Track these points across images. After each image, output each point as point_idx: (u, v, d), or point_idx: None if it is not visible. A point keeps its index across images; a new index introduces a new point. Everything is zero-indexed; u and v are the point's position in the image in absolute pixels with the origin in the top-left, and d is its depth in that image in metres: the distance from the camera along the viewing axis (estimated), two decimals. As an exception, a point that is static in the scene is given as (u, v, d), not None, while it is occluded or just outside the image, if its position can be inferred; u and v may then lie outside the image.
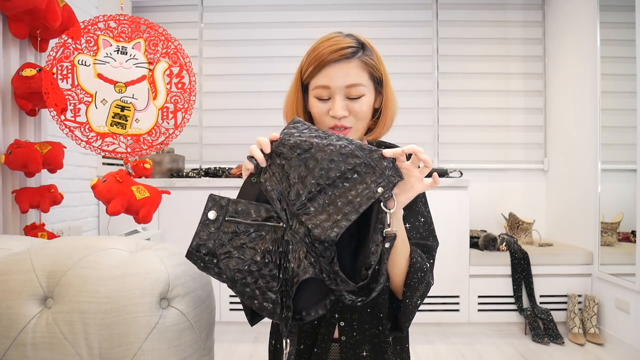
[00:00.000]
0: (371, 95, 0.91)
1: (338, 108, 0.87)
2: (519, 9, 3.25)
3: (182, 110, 1.56)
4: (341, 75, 0.86)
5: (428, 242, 0.93)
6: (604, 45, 2.55)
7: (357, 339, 0.96)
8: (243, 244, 0.74)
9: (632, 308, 2.28)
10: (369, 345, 0.96)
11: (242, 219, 0.75)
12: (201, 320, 0.93)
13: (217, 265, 0.73)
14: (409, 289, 0.85)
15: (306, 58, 0.90)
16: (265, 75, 3.24)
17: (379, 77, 0.91)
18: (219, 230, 0.74)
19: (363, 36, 0.91)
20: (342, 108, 0.87)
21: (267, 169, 0.78)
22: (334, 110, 0.87)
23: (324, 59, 0.86)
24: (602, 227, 2.55)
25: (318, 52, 0.87)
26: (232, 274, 0.73)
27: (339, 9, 3.26)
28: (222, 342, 2.49)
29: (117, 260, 0.90)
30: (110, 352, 0.84)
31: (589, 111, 2.67)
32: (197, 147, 3.27)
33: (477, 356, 2.32)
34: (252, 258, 0.73)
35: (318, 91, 0.89)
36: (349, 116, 0.89)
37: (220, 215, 0.74)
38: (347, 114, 0.88)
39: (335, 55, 0.85)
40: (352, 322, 0.96)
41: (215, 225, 0.74)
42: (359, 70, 0.87)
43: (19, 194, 1.57)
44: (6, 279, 0.88)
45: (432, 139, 3.25)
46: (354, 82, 0.86)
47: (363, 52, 0.88)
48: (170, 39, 1.54)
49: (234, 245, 0.74)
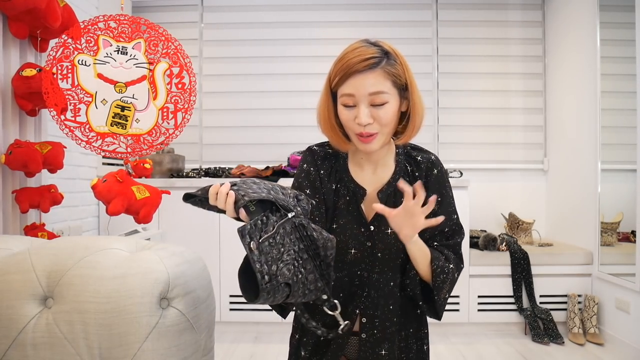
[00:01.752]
0: (395, 102, 0.95)
1: (362, 115, 0.92)
2: (519, 9, 3.25)
3: (182, 111, 1.56)
4: (365, 85, 0.91)
5: (456, 242, 1.04)
6: (603, 45, 2.55)
7: (378, 336, 1.00)
8: (280, 251, 0.80)
9: (632, 308, 2.28)
10: (388, 344, 1.00)
11: (267, 232, 0.80)
12: (201, 320, 0.93)
13: (278, 284, 0.78)
14: (435, 289, 0.98)
15: (334, 67, 0.96)
16: (265, 75, 3.24)
17: (403, 83, 0.96)
18: (261, 253, 0.78)
19: (388, 44, 0.96)
20: (366, 115, 0.92)
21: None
22: (359, 118, 0.93)
23: (349, 69, 0.92)
24: (602, 227, 2.55)
25: (344, 62, 0.93)
26: (290, 281, 0.80)
27: (339, 9, 3.26)
28: (222, 342, 2.49)
29: (117, 260, 0.90)
30: (111, 352, 0.84)
31: (589, 111, 2.67)
32: (197, 147, 3.27)
33: (477, 356, 2.32)
34: (292, 258, 0.81)
35: (344, 99, 0.94)
36: (373, 123, 0.94)
37: (254, 240, 0.79)
38: (372, 121, 0.93)
39: (360, 65, 0.91)
40: (374, 319, 1.00)
41: (257, 252, 0.78)
42: (382, 79, 0.92)
43: (19, 194, 1.57)
44: (6, 279, 0.88)
45: (432, 139, 3.25)
46: (377, 90, 0.92)
47: (387, 61, 0.93)
48: (170, 39, 1.55)
49: (276, 258, 0.80)
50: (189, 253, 0.98)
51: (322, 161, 1.06)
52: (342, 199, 1.03)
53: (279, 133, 3.23)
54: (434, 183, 1.04)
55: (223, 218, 2.64)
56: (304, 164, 1.07)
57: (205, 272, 0.99)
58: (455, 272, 1.01)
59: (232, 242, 2.65)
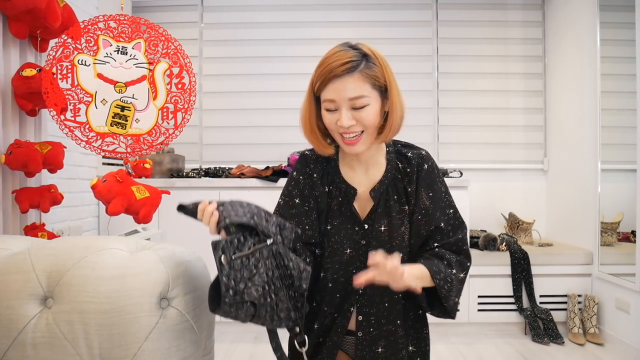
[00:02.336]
0: (376, 103, 0.97)
1: (344, 119, 0.94)
2: (519, 9, 3.25)
3: (182, 111, 1.56)
4: (345, 89, 0.93)
5: (457, 238, 1.05)
6: (603, 45, 2.55)
7: (374, 334, 1.01)
8: (251, 273, 0.83)
9: (632, 308, 2.28)
10: (384, 341, 1.01)
11: (241, 251, 0.83)
12: (201, 320, 0.93)
13: (243, 301, 0.81)
14: (444, 299, 0.97)
15: (315, 72, 0.98)
16: (265, 75, 3.24)
17: (383, 85, 0.97)
18: (231, 269, 0.80)
19: (368, 46, 0.97)
20: (348, 119, 0.94)
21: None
22: (340, 121, 0.95)
23: (329, 74, 0.93)
24: (602, 227, 2.55)
25: (324, 67, 0.94)
26: (256, 301, 0.82)
27: (339, 9, 3.26)
28: (222, 342, 2.49)
29: (117, 260, 0.90)
30: (111, 352, 0.84)
31: (589, 111, 2.67)
32: (197, 147, 3.27)
33: (477, 356, 2.32)
34: (264, 282, 0.83)
35: (326, 104, 0.97)
36: (356, 124, 0.96)
37: (226, 255, 0.82)
38: (354, 123, 0.95)
39: (339, 70, 0.92)
40: (370, 317, 1.01)
41: (227, 267, 0.81)
42: (361, 83, 0.93)
43: (19, 194, 1.57)
44: (6, 279, 0.88)
45: (432, 139, 3.25)
46: (356, 94, 0.93)
47: (365, 64, 0.94)
48: (170, 39, 1.55)
49: (245, 277, 0.82)
50: (189, 253, 0.98)
51: (315, 164, 1.08)
52: (335, 200, 1.05)
53: (279, 133, 3.23)
54: (424, 178, 1.05)
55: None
56: (294, 172, 1.09)
57: (205, 272, 0.99)
58: (460, 273, 1.02)
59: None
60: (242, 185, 2.64)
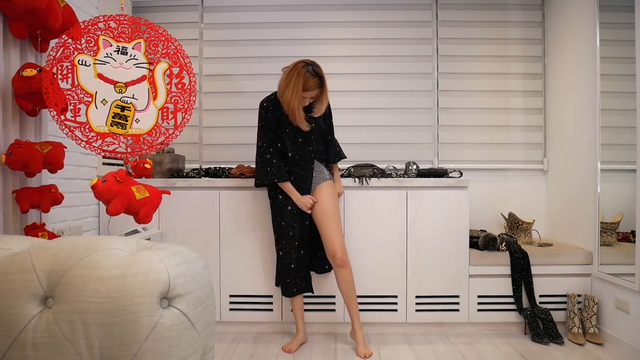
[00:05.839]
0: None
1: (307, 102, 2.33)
2: (519, 10, 3.25)
3: (182, 111, 1.56)
4: (312, 95, 2.29)
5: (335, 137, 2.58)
6: (603, 45, 2.55)
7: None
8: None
9: (631, 308, 2.28)
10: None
11: None
12: (201, 320, 0.93)
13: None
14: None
15: (301, 78, 2.24)
16: (265, 76, 3.24)
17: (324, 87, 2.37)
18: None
19: (321, 71, 2.07)
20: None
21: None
22: (305, 101, 2.31)
23: (307, 88, 2.25)
24: (602, 227, 2.56)
25: (305, 83, 2.25)
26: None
27: (339, 9, 3.26)
28: (222, 342, 2.49)
29: (118, 260, 0.90)
30: (111, 352, 0.84)
31: (588, 111, 2.67)
32: (197, 147, 3.27)
33: (477, 356, 2.32)
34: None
35: (303, 95, 2.31)
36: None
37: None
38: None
39: (312, 87, 2.28)
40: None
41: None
42: (317, 91, 2.30)
43: (19, 194, 1.57)
44: (6, 279, 0.88)
45: (432, 139, 3.26)
46: (314, 96, 2.28)
47: (321, 84, 2.29)
48: (170, 40, 1.55)
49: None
50: (189, 253, 0.99)
51: (269, 104, 2.38)
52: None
53: (278, 133, 3.22)
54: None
55: (223, 218, 2.65)
56: (261, 111, 2.44)
57: (205, 272, 0.99)
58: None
59: (232, 242, 2.65)
60: (242, 185, 2.65)
